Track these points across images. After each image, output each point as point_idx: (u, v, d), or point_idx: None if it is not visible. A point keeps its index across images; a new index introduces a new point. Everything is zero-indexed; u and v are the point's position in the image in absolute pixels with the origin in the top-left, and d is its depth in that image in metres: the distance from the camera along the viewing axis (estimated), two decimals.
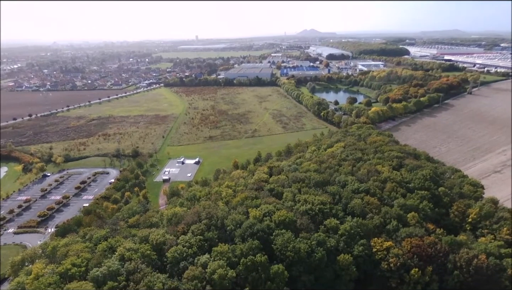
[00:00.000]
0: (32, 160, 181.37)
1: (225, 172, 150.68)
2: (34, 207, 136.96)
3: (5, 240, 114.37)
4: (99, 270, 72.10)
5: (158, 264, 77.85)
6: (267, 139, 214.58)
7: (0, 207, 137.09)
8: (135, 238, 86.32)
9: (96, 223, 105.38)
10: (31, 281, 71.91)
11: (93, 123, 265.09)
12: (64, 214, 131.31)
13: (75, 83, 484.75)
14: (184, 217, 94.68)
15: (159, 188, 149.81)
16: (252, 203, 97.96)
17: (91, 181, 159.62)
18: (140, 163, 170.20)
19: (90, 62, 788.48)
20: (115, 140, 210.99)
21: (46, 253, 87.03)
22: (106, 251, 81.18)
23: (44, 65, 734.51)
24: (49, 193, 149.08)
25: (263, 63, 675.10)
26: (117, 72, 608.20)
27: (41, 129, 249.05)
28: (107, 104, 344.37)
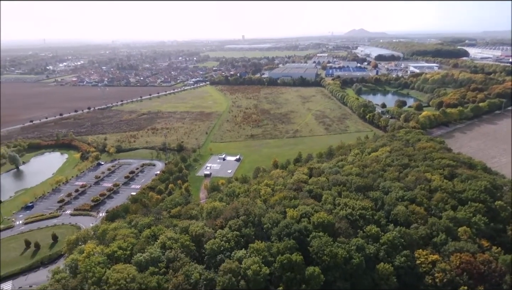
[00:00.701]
0: (89, 149, 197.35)
1: (264, 171, 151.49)
2: (89, 192, 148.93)
3: (63, 220, 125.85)
4: (142, 255, 76.48)
5: (196, 255, 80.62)
6: (309, 140, 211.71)
7: (61, 190, 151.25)
8: (176, 228, 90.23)
9: (142, 211, 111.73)
10: (83, 259, 78.36)
11: (143, 117, 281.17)
12: (114, 200, 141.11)
13: (129, 80, 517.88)
14: (222, 211, 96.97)
15: (201, 182, 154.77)
16: (290, 203, 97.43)
17: (139, 172, 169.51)
18: (184, 157, 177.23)
19: (143, 60, 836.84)
20: (162, 135, 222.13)
21: (97, 235, 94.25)
22: (149, 238, 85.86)
23: (103, 62, 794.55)
24: (102, 180, 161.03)
25: (308, 63, 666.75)
26: (167, 70, 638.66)
27: (98, 121, 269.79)
28: (156, 100, 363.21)
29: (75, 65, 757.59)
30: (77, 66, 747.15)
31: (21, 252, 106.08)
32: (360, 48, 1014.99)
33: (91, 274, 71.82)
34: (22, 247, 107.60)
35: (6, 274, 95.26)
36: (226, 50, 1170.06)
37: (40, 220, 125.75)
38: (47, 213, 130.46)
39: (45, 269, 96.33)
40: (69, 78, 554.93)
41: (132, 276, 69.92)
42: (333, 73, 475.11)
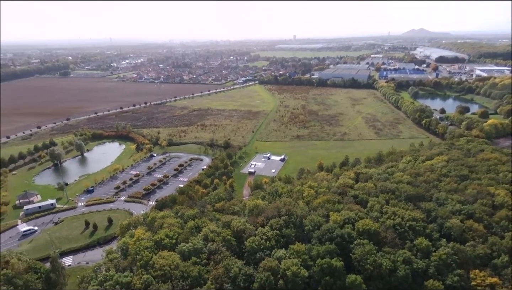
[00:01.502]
0: (143, 141, 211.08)
1: (309, 172, 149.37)
2: (141, 181, 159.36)
3: (118, 205, 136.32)
4: (186, 245, 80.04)
5: (236, 250, 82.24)
6: (357, 144, 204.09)
7: (117, 178, 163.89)
8: (218, 222, 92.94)
9: (188, 203, 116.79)
10: (133, 243, 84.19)
11: (194, 114, 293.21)
12: (163, 190, 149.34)
13: (182, 77, 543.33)
14: (264, 210, 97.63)
15: (245, 179, 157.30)
16: (333, 207, 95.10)
17: (187, 165, 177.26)
18: (230, 154, 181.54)
19: (197, 59, 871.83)
20: (210, 131, 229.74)
21: (146, 222, 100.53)
22: (193, 229, 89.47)
23: (160, 60, 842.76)
24: (154, 171, 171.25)
25: (360, 64, 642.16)
26: (218, 68, 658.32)
27: (153, 116, 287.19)
28: (207, 97, 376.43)
29: (135, 63, 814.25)
30: (137, 63, 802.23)
31: (81, 231, 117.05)
32: (419, 49, 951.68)
33: (140, 257, 76.95)
34: (82, 226, 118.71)
35: (68, 250, 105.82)
36: (276, 50, 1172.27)
37: (99, 203, 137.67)
38: (105, 198, 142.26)
39: (100, 248, 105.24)
40: (129, 75, 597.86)
41: (176, 263, 73.56)
42: (387, 75, 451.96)
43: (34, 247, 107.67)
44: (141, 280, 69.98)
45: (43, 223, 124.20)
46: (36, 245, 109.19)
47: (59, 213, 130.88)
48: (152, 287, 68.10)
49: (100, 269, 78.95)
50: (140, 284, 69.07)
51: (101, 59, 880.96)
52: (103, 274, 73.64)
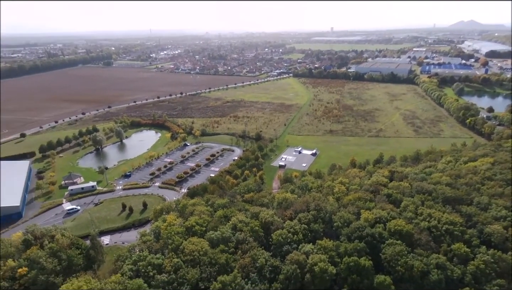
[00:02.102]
0: (178, 130, 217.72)
1: (340, 168, 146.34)
2: (175, 169, 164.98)
3: (152, 191, 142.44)
4: (214, 233, 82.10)
5: (264, 242, 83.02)
6: (393, 141, 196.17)
7: (152, 165, 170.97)
8: (247, 213, 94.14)
9: (218, 192, 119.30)
10: (165, 227, 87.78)
11: (227, 105, 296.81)
12: (195, 179, 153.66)
13: (217, 69, 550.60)
14: (293, 203, 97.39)
15: (275, 172, 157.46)
16: (365, 205, 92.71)
17: (219, 155, 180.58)
18: (261, 146, 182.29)
19: (232, 51, 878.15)
20: (243, 123, 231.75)
21: (178, 208, 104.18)
22: (222, 218, 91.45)
23: (197, 52, 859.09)
24: (187, 159, 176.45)
25: (401, 58, 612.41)
26: (253, 60, 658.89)
27: (188, 106, 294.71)
28: (240, 89, 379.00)
29: (173, 54, 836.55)
30: (174, 54, 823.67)
31: (119, 213, 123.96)
32: (467, 43, 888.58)
33: (171, 241, 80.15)
34: (119, 208, 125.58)
35: (106, 229, 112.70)
36: (312, 43, 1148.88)
37: (135, 188, 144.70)
38: (141, 183, 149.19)
39: (135, 230, 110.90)
40: (167, 66, 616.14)
41: (204, 250, 75.82)
42: (430, 70, 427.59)
43: (77, 225, 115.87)
44: (172, 263, 73.00)
45: (85, 203, 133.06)
46: (78, 223, 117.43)
47: (99, 195, 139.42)
48: (181, 270, 70.81)
49: (134, 249, 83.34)
50: (170, 267, 72.10)
51: (141, 50, 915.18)
52: (137, 255, 77.67)
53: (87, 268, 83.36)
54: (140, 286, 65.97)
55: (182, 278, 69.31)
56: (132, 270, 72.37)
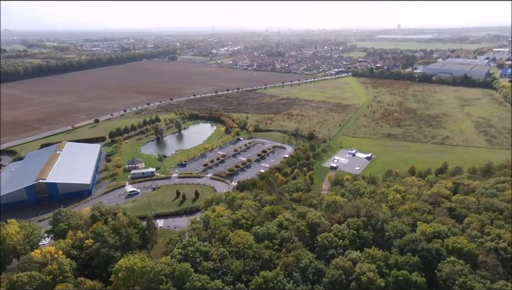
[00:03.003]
0: (232, 124, 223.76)
1: (397, 175, 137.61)
2: (227, 162, 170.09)
3: (204, 181, 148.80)
4: (260, 228, 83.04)
5: (309, 243, 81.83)
6: (460, 151, 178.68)
7: (206, 156, 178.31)
8: (294, 212, 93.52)
9: (266, 189, 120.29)
10: (214, 217, 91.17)
11: (282, 102, 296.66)
12: (245, 173, 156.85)
13: (275, 66, 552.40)
14: (343, 207, 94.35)
15: (325, 173, 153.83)
16: (422, 217, 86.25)
17: (270, 152, 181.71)
18: (313, 146, 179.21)
19: (290, 48, 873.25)
20: (296, 121, 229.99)
21: (227, 200, 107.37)
22: (269, 214, 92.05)
23: (255, 48, 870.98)
24: (239, 153, 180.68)
25: (477, 59, 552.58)
26: (311, 58, 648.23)
27: (243, 102, 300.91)
28: (296, 87, 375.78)
29: (232, 50, 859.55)
30: (234, 51, 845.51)
31: (173, 199, 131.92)
32: None
33: (218, 231, 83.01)
34: (174, 195, 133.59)
35: (161, 213, 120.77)
36: (376, 41, 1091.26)
37: (189, 177, 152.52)
38: (195, 173, 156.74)
39: (187, 217, 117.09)
40: (226, 61, 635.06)
41: (249, 243, 77.18)
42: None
43: (136, 206, 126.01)
44: (218, 252, 75.69)
45: (144, 187, 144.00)
46: (138, 205, 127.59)
47: (157, 181, 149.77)
48: (226, 260, 73.05)
49: (184, 235, 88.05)
50: (216, 255, 74.83)
51: (203, 46, 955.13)
52: (186, 240, 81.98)
53: (142, 247, 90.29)
54: (187, 270, 69.49)
55: (226, 268, 71.52)
56: (181, 254, 76.52)
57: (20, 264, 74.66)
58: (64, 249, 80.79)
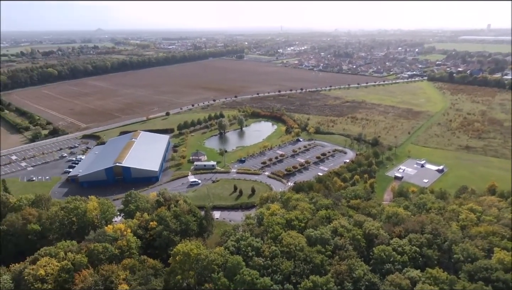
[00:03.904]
0: (293, 125, 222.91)
1: (473, 193, 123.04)
2: (285, 162, 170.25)
3: (261, 178, 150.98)
4: (314, 231, 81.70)
5: (364, 254, 78.13)
6: None
7: (265, 154, 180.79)
8: (350, 219, 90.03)
9: (323, 192, 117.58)
10: (268, 215, 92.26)
11: (346, 105, 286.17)
12: (302, 175, 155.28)
13: (341, 67, 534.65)
14: (405, 221, 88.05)
15: (388, 183, 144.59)
16: (500, 243, 76.25)
17: (330, 155, 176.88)
18: (376, 152, 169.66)
19: (360, 49, 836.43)
20: (360, 125, 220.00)
21: (282, 199, 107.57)
22: (324, 219, 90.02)
23: (322, 48, 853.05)
24: (297, 154, 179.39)
25: None
26: (381, 60, 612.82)
27: (306, 102, 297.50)
28: (363, 89, 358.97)
29: (299, 50, 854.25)
30: (300, 51, 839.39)
31: (230, 193, 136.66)
32: None
33: (271, 229, 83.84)
34: (231, 189, 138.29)
35: (218, 205, 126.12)
36: (459, 42, 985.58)
37: (247, 173, 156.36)
38: (252, 169, 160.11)
39: (242, 212, 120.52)
40: (292, 61, 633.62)
41: (301, 246, 76.51)
42: None
43: (196, 196, 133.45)
44: (269, 249, 76.53)
45: (204, 179, 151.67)
46: (197, 195, 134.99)
47: (216, 174, 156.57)
48: (277, 259, 73.52)
49: (238, 229, 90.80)
50: (267, 253, 75.76)
51: (270, 45, 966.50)
52: (240, 234, 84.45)
53: (199, 235, 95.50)
54: (239, 263, 71.61)
55: (276, 267, 71.99)
56: (234, 247, 79.07)
57: (96, 236, 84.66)
58: (132, 228, 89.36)
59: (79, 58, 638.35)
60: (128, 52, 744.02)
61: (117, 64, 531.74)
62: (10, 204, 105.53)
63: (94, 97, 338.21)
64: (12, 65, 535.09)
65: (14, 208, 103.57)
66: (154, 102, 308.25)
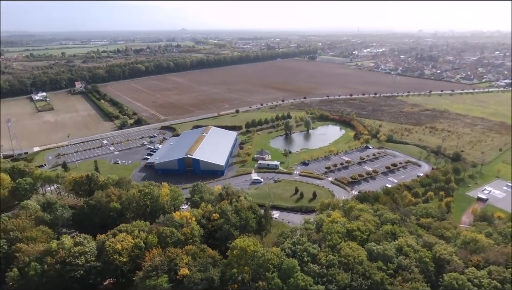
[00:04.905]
0: (363, 131, 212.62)
1: None
2: (350, 169, 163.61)
3: (324, 183, 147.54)
4: (376, 246, 77.33)
5: (431, 279, 71.45)
6: None
7: (330, 159, 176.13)
8: (419, 239, 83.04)
9: (390, 205, 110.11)
10: (327, 222, 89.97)
11: (425, 113, 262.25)
12: (368, 184, 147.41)
13: (423, 71, 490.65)
14: (485, 250, 77.93)
15: (469, 204, 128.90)
16: None
17: (401, 167, 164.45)
18: (457, 169, 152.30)
19: (447, 52, 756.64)
20: (440, 136, 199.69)
21: (344, 208, 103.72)
22: (388, 234, 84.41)
23: (403, 51, 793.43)
24: (365, 162, 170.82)
25: None
26: (473, 65, 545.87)
27: (379, 108, 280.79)
28: (447, 97, 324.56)
29: (376, 52, 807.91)
30: (377, 53, 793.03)
31: (291, 194, 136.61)
32: None
33: (330, 237, 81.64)
34: (292, 191, 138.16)
35: (277, 205, 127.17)
36: None
37: (309, 176, 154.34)
38: (315, 173, 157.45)
39: (301, 215, 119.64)
40: (367, 64, 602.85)
41: (360, 259, 73.07)
42: None
43: (257, 193, 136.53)
44: (326, 258, 74.70)
45: (267, 178, 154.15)
46: (259, 193, 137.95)
47: (279, 174, 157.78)
48: (333, 269, 71.37)
49: (296, 232, 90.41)
50: (323, 261, 74.05)
51: (344, 47, 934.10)
52: (297, 237, 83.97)
53: (257, 232, 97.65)
54: (295, 267, 71.45)
55: (332, 276, 69.98)
56: (290, 249, 79.02)
57: (165, 220, 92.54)
58: (196, 217, 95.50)
59: (163, 55, 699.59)
60: (206, 51, 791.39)
61: (196, 62, 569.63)
62: (98, 182, 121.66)
63: (173, 92, 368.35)
64: (110, 60, 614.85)
65: (101, 186, 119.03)
66: (226, 100, 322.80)
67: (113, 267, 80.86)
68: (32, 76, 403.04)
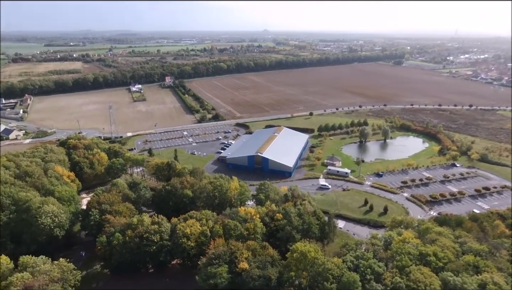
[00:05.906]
0: (450, 146, 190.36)
1: None
2: (430, 187, 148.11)
3: (398, 199, 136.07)
4: (453, 277, 69.26)
5: None
6: None
7: (407, 173, 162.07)
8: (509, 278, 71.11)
9: (476, 234, 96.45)
10: (398, 241, 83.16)
11: None
12: (451, 206, 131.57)
13: None
14: None
15: None
16: None
17: (495, 192, 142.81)
18: None
19: None
20: None
21: (419, 228, 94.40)
22: (470, 266, 74.54)
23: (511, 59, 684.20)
24: (449, 181, 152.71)
25: None
26: None
27: (473, 122, 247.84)
28: None
29: (476, 59, 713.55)
30: (478, 59, 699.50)
31: (359, 206, 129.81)
32: None
33: (399, 258, 75.41)
34: (361, 202, 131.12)
35: (344, 215, 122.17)
36: None
37: (382, 189, 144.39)
38: (389, 187, 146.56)
39: (368, 229, 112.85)
40: (463, 71, 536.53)
41: (433, 287, 66.33)
42: None
43: (323, 200, 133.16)
44: (392, 279, 69.41)
45: (335, 185, 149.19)
46: (325, 199, 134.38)
47: (348, 183, 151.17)
48: None
49: (361, 245, 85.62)
50: (388, 282, 68.94)
51: (437, 51, 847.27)
52: (361, 252, 79.58)
53: (319, 239, 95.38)
54: (356, 282, 68.04)
55: None
56: (353, 263, 75.38)
57: (231, 213, 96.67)
58: (260, 215, 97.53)
59: (245, 55, 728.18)
60: (285, 52, 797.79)
61: (274, 63, 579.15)
62: (176, 170, 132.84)
63: (250, 90, 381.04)
64: (196, 58, 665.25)
65: (178, 173, 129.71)
66: (300, 101, 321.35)
67: (181, 249, 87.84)
68: (131, 70, 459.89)
